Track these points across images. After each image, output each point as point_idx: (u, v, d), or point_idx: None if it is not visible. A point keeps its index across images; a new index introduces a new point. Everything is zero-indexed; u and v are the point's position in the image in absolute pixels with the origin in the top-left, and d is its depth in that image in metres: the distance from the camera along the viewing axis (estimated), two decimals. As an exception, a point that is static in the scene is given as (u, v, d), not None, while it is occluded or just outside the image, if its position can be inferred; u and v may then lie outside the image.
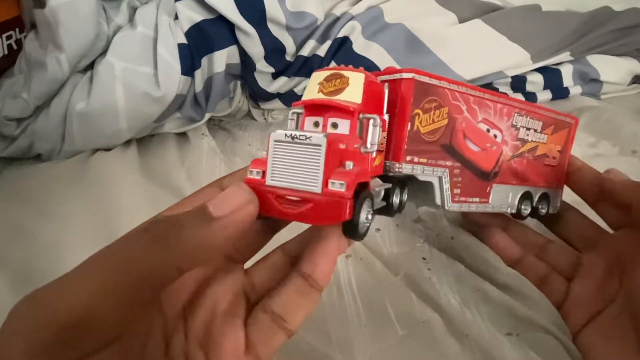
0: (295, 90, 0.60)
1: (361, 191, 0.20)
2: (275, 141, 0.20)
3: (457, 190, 0.28)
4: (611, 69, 0.65)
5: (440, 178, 0.27)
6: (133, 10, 0.53)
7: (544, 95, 0.64)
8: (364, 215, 0.20)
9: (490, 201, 0.31)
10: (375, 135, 0.22)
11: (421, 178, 0.26)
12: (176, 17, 0.52)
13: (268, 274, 0.25)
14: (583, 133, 0.55)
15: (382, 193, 0.24)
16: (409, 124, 0.24)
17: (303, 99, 0.23)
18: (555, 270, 0.33)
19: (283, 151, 0.20)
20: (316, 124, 0.22)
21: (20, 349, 0.15)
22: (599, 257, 0.32)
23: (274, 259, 0.25)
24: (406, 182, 0.27)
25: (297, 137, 0.20)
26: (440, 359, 0.31)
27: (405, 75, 0.24)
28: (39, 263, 0.37)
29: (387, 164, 0.25)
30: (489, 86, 0.63)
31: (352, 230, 0.20)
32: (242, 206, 0.19)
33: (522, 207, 0.33)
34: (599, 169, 0.48)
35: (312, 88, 0.23)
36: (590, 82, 0.66)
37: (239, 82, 0.60)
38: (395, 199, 0.25)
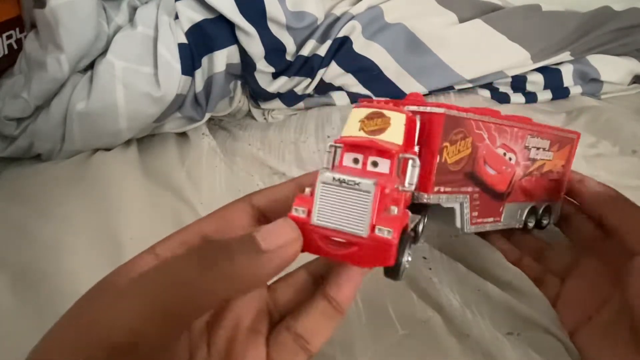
0: (296, 90, 0.60)
1: (403, 234, 0.20)
2: (323, 183, 0.21)
3: (475, 213, 0.29)
4: (611, 68, 0.65)
5: (461, 204, 0.28)
6: (133, 10, 0.53)
7: (544, 95, 0.64)
8: (406, 257, 0.21)
9: (502, 219, 0.31)
10: (414, 175, 0.22)
11: (445, 205, 0.27)
12: (176, 17, 0.52)
13: (291, 292, 0.25)
14: (583, 133, 0.55)
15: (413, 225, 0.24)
16: (438, 156, 0.25)
17: (343, 134, 0.23)
18: (551, 272, 0.34)
19: (331, 193, 0.21)
20: (355, 161, 0.22)
21: None
22: (594, 259, 0.32)
23: (298, 277, 0.25)
24: (426, 208, 0.27)
25: (345, 182, 0.20)
26: (441, 359, 0.31)
27: (436, 110, 0.25)
28: (39, 263, 0.37)
29: (415, 194, 0.25)
30: (489, 86, 0.63)
31: (393, 273, 0.21)
32: (290, 242, 0.19)
33: (528, 221, 0.34)
34: (599, 169, 0.49)
35: (352, 125, 0.23)
36: (591, 82, 0.66)
37: (239, 82, 0.60)
38: (421, 227, 0.26)
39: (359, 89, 0.61)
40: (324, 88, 0.61)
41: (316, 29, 0.58)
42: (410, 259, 0.22)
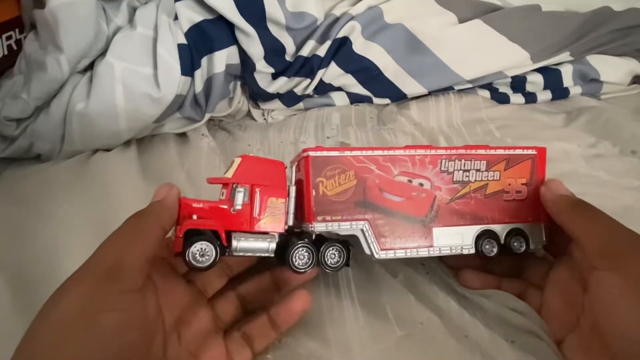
0: (295, 90, 0.60)
1: (198, 235, 0.28)
2: None
3: (386, 239, 0.31)
4: (611, 69, 0.65)
5: (362, 230, 0.31)
6: (133, 10, 0.53)
7: (544, 96, 0.64)
8: (193, 251, 0.27)
9: (435, 244, 0.32)
10: (239, 198, 0.29)
11: (342, 233, 0.31)
12: (176, 17, 0.52)
13: (226, 307, 0.32)
14: (583, 133, 0.55)
15: (271, 245, 0.30)
16: (314, 190, 0.31)
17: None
18: (532, 284, 0.34)
19: None
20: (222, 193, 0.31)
21: (84, 285, 0.23)
22: (564, 267, 0.32)
23: (230, 298, 0.32)
24: (347, 240, 0.32)
25: None
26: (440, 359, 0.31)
27: (303, 154, 0.31)
28: (38, 263, 0.37)
29: (302, 225, 0.31)
30: (488, 86, 0.63)
31: (183, 259, 0.27)
32: (168, 191, 0.29)
33: (486, 246, 0.33)
34: (598, 169, 0.48)
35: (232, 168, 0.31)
36: (590, 82, 0.66)
37: (238, 83, 0.60)
38: (332, 257, 0.31)
39: (359, 89, 0.61)
40: (324, 88, 0.61)
41: (316, 29, 0.58)
42: (205, 257, 0.28)
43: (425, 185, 0.33)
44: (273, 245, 0.30)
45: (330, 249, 0.31)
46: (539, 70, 0.63)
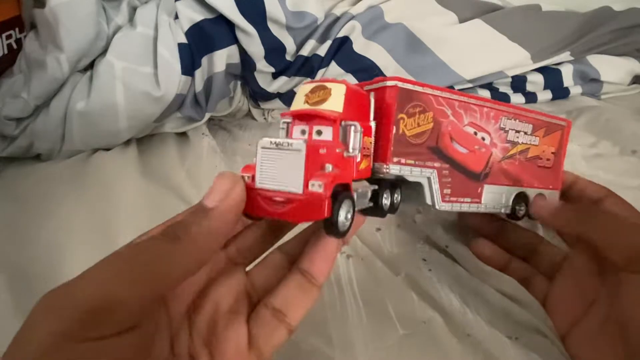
0: (295, 90, 0.60)
1: (341, 192, 0.22)
2: (262, 148, 0.22)
3: (448, 191, 0.30)
4: (611, 69, 0.65)
5: (429, 179, 0.29)
6: (133, 9, 0.53)
7: (544, 95, 0.64)
8: (344, 214, 0.22)
9: (482, 201, 0.32)
10: (356, 140, 0.24)
11: (410, 179, 0.28)
12: (176, 17, 0.52)
13: (268, 274, 0.26)
14: (583, 133, 0.55)
15: (369, 194, 0.25)
16: (394, 127, 0.26)
17: (291, 109, 0.25)
18: (540, 272, 0.33)
19: (269, 157, 0.22)
20: (303, 132, 0.24)
21: (47, 330, 0.17)
22: (580, 256, 0.31)
23: (273, 259, 0.26)
24: (398, 184, 0.28)
25: (280, 144, 0.22)
26: (442, 359, 0.31)
27: (389, 83, 0.26)
28: (38, 263, 0.37)
29: (376, 165, 0.26)
30: (489, 86, 0.63)
31: (331, 228, 0.22)
32: (229, 191, 0.21)
33: (517, 207, 0.34)
34: (598, 169, 0.48)
35: (299, 99, 0.25)
36: (591, 82, 0.66)
37: (239, 82, 0.60)
38: (385, 201, 0.27)
39: (359, 89, 0.61)
40: (324, 88, 0.61)
41: (316, 28, 0.58)
42: (350, 217, 0.22)
43: (486, 139, 0.32)
44: (369, 194, 0.25)
45: (391, 191, 0.27)
46: (539, 70, 0.63)
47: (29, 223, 0.40)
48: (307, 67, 0.58)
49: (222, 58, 0.53)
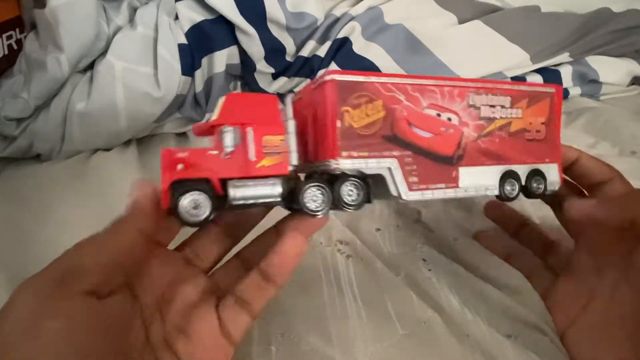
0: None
1: (190, 185, 0.25)
2: None
3: (414, 179, 0.29)
4: (610, 70, 0.66)
5: (389, 169, 0.28)
6: (133, 10, 0.53)
7: (544, 96, 0.64)
8: (186, 203, 0.25)
9: (461, 185, 0.30)
10: (228, 140, 0.26)
11: (368, 172, 0.28)
12: (176, 17, 0.52)
13: (228, 276, 0.29)
14: (582, 134, 0.55)
15: (274, 190, 0.27)
16: (339, 121, 0.27)
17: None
18: (548, 266, 0.33)
19: None
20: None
21: (30, 291, 0.22)
22: (581, 252, 0.31)
23: (232, 264, 0.30)
24: (364, 179, 0.28)
25: None
26: (441, 359, 0.31)
27: (326, 77, 0.27)
28: (37, 263, 0.36)
29: (322, 163, 0.27)
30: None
31: (174, 216, 0.25)
32: (144, 195, 0.26)
33: (507, 187, 0.32)
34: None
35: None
36: (590, 83, 0.66)
37: (239, 83, 0.60)
38: (347, 196, 0.28)
39: (359, 89, 0.61)
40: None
41: (316, 29, 0.58)
42: (199, 210, 0.25)
43: (453, 120, 0.30)
44: (278, 189, 0.27)
45: (347, 184, 0.28)
46: (538, 71, 0.63)
47: (29, 223, 0.40)
48: (307, 67, 0.58)
49: (222, 59, 0.53)
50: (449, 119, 0.30)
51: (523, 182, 0.32)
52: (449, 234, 0.40)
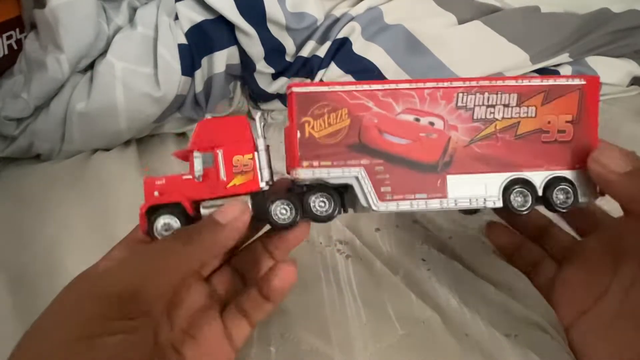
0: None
1: (160, 210, 0.27)
2: None
3: (387, 188, 0.27)
4: (610, 70, 0.65)
5: (356, 178, 0.27)
6: (133, 10, 0.53)
7: (543, 96, 0.64)
8: (160, 226, 0.27)
9: (450, 195, 0.28)
10: (197, 165, 0.27)
11: (332, 181, 0.28)
12: (176, 18, 0.52)
13: (223, 284, 0.31)
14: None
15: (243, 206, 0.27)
16: (299, 132, 0.27)
17: None
18: (550, 255, 0.32)
19: None
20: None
21: (86, 311, 0.21)
22: (595, 244, 0.30)
23: (225, 272, 0.31)
24: (335, 189, 0.28)
25: None
26: (440, 359, 0.31)
27: (288, 90, 0.28)
28: (37, 263, 0.37)
29: (292, 173, 0.28)
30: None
31: (151, 237, 0.27)
32: (241, 216, 0.26)
33: (517, 199, 0.28)
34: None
35: None
36: (589, 83, 0.66)
37: (238, 83, 0.60)
38: (317, 207, 0.28)
39: (359, 89, 0.61)
40: (324, 89, 0.61)
41: (316, 29, 0.58)
42: (167, 230, 0.27)
43: (436, 124, 0.28)
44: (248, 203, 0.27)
45: (315, 197, 0.28)
46: (538, 71, 0.63)
47: (29, 223, 0.41)
48: (307, 68, 0.58)
49: (222, 59, 0.53)
50: (431, 123, 0.28)
51: (540, 192, 0.28)
52: (446, 233, 0.40)
